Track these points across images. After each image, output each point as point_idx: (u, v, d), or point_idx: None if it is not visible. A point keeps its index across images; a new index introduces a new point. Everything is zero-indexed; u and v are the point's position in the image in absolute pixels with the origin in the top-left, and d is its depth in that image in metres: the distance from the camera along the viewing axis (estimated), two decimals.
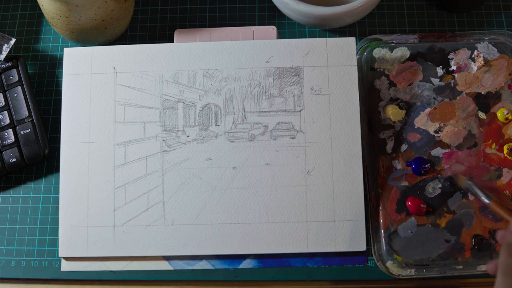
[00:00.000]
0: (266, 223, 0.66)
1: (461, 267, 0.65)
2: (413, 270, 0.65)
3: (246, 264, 0.68)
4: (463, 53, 0.72)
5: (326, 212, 0.66)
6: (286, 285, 0.68)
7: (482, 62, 0.71)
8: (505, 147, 0.68)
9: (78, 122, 0.69)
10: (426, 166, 0.68)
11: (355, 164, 0.67)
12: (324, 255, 0.67)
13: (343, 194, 0.66)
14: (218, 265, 0.68)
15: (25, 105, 0.72)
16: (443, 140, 0.69)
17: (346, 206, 0.66)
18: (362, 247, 0.65)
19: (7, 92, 0.73)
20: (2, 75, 0.74)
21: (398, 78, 0.71)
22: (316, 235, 0.66)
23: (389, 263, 0.65)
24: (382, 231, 0.66)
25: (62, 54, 0.77)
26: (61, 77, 0.76)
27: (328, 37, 0.77)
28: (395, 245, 0.66)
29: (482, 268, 0.65)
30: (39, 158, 0.71)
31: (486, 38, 0.72)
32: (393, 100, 0.71)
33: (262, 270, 0.68)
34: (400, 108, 0.70)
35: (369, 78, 0.71)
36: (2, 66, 0.73)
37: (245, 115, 0.69)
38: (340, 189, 0.66)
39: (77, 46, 0.77)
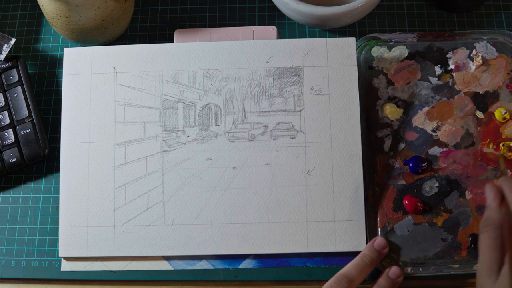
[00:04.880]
0: (266, 223, 0.66)
1: (457, 266, 0.65)
2: (409, 269, 0.65)
3: (246, 264, 0.68)
4: (462, 52, 0.72)
5: (326, 212, 0.66)
6: (286, 285, 0.68)
7: (481, 62, 0.71)
8: (500, 144, 0.68)
9: (78, 122, 0.69)
10: (423, 165, 0.68)
11: (355, 164, 0.67)
12: (324, 255, 0.67)
13: (343, 194, 0.66)
14: (218, 265, 0.68)
15: (25, 105, 0.72)
16: (440, 139, 0.69)
17: (346, 206, 0.66)
18: (362, 247, 0.65)
19: (7, 92, 0.73)
20: (2, 75, 0.73)
21: (396, 76, 0.71)
22: (316, 235, 0.66)
23: (385, 262, 0.66)
24: (379, 229, 0.67)
25: (62, 54, 0.77)
26: (61, 77, 0.76)
27: (328, 37, 0.77)
28: (392, 243, 0.66)
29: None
30: (39, 158, 0.71)
31: (485, 38, 0.72)
32: (391, 99, 0.71)
33: (262, 270, 0.68)
34: (398, 106, 0.71)
35: (367, 76, 0.72)
36: (2, 66, 0.73)
37: (245, 115, 0.69)
38: (340, 189, 0.67)
39: (77, 46, 0.77)
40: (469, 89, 0.71)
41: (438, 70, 0.71)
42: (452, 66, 0.71)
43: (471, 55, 0.72)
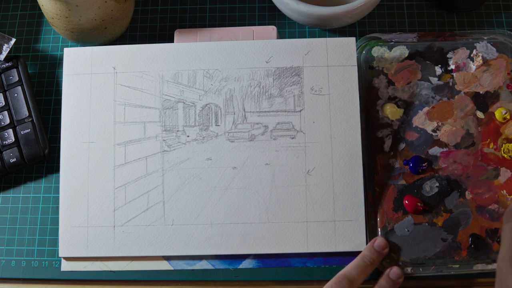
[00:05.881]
0: (266, 223, 0.66)
1: (457, 266, 0.65)
2: (409, 269, 0.65)
3: (246, 264, 0.68)
4: (462, 53, 0.72)
5: (326, 212, 0.66)
6: (286, 285, 0.68)
7: (481, 62, 0.71)
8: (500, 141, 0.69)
9: (78, 122, 0.69)
10: (424, 165, 0.68)
11: (355, 164, 0.67)
12: (324, 255, 0.67)
13: (343, 194, 0.66)
14: (218, 265, 0.68)
15: (25, 105, 0.72)
16: (440, 139, 0.69)
17: (346, 206, 0.66)
18: (362, 247, 0.65)
19: (7, 92, 0.73)
20: (2, 75, 0.73)
21: (396, 76, 0.71)
22: (316, 235, 0.66)
23: (385, 262, 0.66)
24: (379, 229, 0.67)
25: (62, 54, 0.77)
26: (61, 77, 0.76)
27: (328, 37, 0.77)
28: (392, 243, 0.66)
29: (479, 267, 0.65)
30: (39, 158, 0.71)
31: (485, 38, 0.72)
32: (391, 99, 0.71)
33: (262, 270, 0.68)
34: (398, 106, 0.70)
35: (368, 76, 0.72)
36: (2, 66, 0.73)
37: (245, 115, 0.69)
38: (340, 189, 0.66)
39: (77, 46, 0.77)
40: (470, 89, 0.71)
41: (438, 70, 0.71)
42: (452, 66, 0.71)
43: (472, 55, 0.71)
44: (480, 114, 0.70)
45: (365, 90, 0.71)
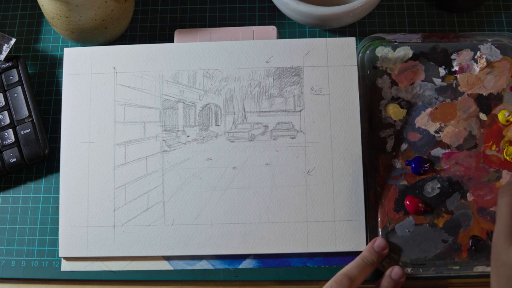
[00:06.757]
0: (266, 223, 0.66)
1: (457, 267, 0.65)
2: (409, 269, 0.65)
3: (246, 264, 0.68)
4: (466, 54, 0.71)
5: (326, 212, 0.66)
6: (286, 285, 0.68)
7: (485, 64, 0.71)
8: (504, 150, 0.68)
9: (78, 122, 0.69)
10: (426, 165, 0.68)
11: (355, 164, 0.67)
12: (324, 255, 0.67)
13: (343, 194, 0.66)
14: (218, 265, 0.68)
15: (25, 105, 0.72)
16: (443, 140, 0.69)
17: (346, 206, 0.66)
18: (362, 247, 0.65)
19: (7, 92, 0.73)
20: (2, 75, 0.74)
21: (400, 77, 0.71)
22: (316, 235, 0.66)
23: (385, 262, 0.65)
24: (380, 229, 0.66)
25: (62, 54, 0.77)
26: (61, 77, 0.76)
27: (328, 37, 0.77)
28: (392, 243, 0.66)
29: (479, 269, 0.65)
30: (39, 158, 0.71)
31: (489, 40, 0.72)
32: (394, 99, 0.71)
33: (262, 270, 0.68)
34: (401, 107, 0.70)
35: (371, 76, 0.71)
36: (2, 66, 0.74)
37: (245, 115, 0.69)
38: (340, 189, 0.66)
39: (77, 46, 0.77)
40: (473, 91, 0.70)
41: (442, 71, 0.71)
42: (456, 68, 0.71)
43: (476, 57, 0.71)
44: (483, 116, 0.69)
45: (369, 90, 0.71)
